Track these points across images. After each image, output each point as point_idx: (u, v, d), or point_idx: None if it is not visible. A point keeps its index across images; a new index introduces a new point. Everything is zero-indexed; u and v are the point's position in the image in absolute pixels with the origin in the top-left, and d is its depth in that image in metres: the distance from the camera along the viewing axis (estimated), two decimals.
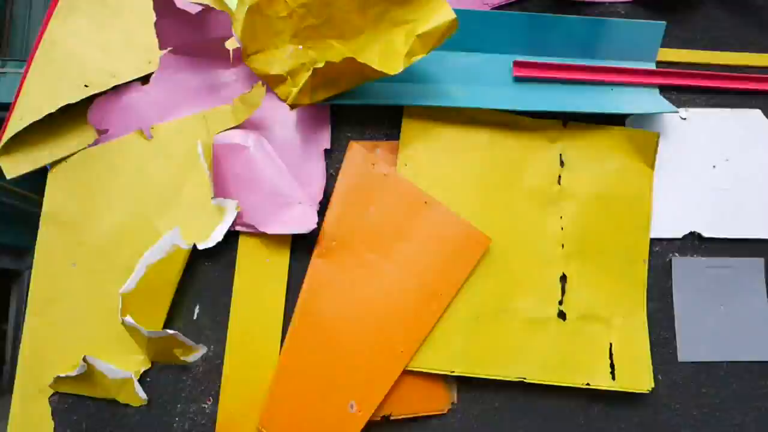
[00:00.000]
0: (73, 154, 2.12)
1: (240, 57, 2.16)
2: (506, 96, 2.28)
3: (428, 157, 2.22)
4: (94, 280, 2.05)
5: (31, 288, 2.05)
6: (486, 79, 2.32)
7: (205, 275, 2.12)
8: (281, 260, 2.12)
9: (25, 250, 7.70)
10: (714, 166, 2.45)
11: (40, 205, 2.11)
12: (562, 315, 2.21)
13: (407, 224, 2.16)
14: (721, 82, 2.50)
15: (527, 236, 2.25)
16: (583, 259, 2.26)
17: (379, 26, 2.14)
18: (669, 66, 2.50)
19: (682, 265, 2.36)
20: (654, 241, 2.35)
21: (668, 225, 2.37)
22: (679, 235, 2.37)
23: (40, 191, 2.14)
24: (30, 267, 2.11)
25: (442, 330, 2.13)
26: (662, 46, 2.48)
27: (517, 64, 2.32)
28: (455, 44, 2.25)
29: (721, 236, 2.39)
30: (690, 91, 2.49)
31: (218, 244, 2.06)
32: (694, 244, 2.39)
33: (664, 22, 2.42)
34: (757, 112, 2.52)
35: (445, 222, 2.16)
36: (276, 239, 2.11)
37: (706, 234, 2.38)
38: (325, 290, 2.11)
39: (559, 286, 2.23)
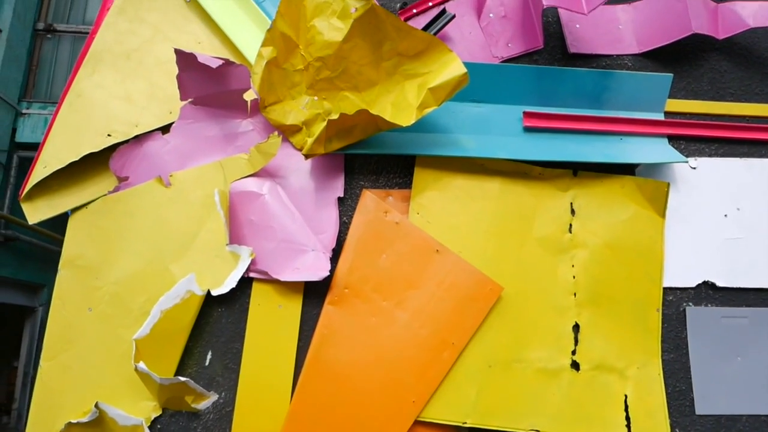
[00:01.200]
0: (93, 201, 2.18)
1: (257, 107, 2.23)
2: (516, 146, 2.33)
3: (440, 206, 2.25)
4: (108, 325, 2.07)
5: (46, 332, 2.08)
6: (496, 129, 2.37)
7: (218, 321, 2.14)
8: (294, 307, 2.14)
9: (39, 286, 7.76)
10: (726, 215, 2.45)
11: (56, 242, 2.17)
12: (575, 365, 2.19)
13: (419, 272, 2.17)
14: (729, 132, 2.53)
15: (539, 285, 2.25)
16: (595, 308, 2.25)
17: (392, 79, 2.20)
18: (677, 116, 2.53)
19: (696, 315, 2.33)
20: (667, 290, 2.34)
21: (681, 274, 2.36)
22: (693, 284, 2.36)
23: (57, 229, 2.19)
24: (44, 304, 2.16)
25: (455, 380, 2.11)
26: (670, 97, 2.53)
27: (527, 114, 2.37)
28: (466, 95, 2.31)
29: (735, 286, 2.37)
30: (699, 140, 2.52)
31: (231, 290, 2.09)
32: (708, 293, 2.37)
33: (671, 75, 2.48)
34: (767, 162, 2.54)
35: (457, 270, 2.17)
36: (289, 286, 2.13)
37: (719, 283, 2.36)
38: (337, 338, 2.11)
39: (572, 335, 2.22)
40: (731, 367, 2.31)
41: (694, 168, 2.49)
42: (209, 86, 2.17)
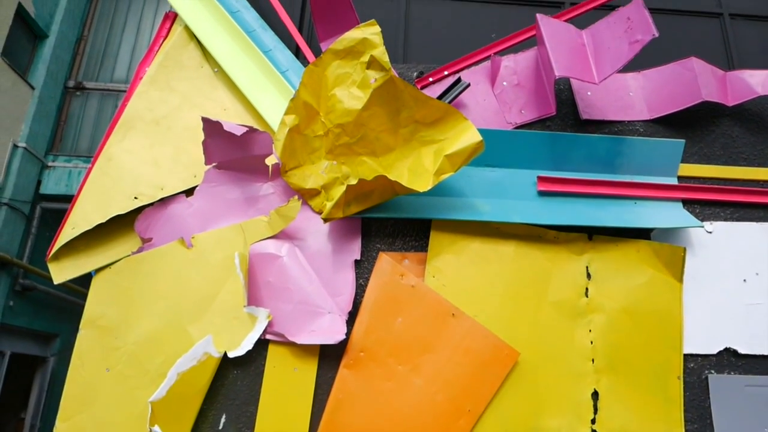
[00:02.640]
0: (117, 261, 2.23)
1: (278, 172, 2.31)
2: (531, 210, 2.36)
3: (456, 269, 2.27)
4: (125, 386, 2.08)
5: (64, 393, 2.08)
6: (511, 193, 2.41)
7: (233, 384, 2.13)
8: (309, 370, 2.13)
9: (53, 335, 7.77)
10: (744, 280, 2.43)
11: (72, 292, 2.20)
12: None
13: (435, 336, 2.16)
14: (744, 197, 2.55)
15: (556, 350, 2.23)
16: (614, 374, 2.21)
17: (409, 145, 2.27)
18: (691, 181, 2.56)
19: (719, 383, 2.28)
20: (688, 357, 2.30)
21: (702, 340, 2.33)
22: (714, 351, 2.32)
23: (74, 279, 2.23)
24: (56, 353, 2.16)
25: None
26: (682, 162, 2.56)
27: (541, 179, 2.41)
28: (481, 160, 2.37)
29: (758, 353, 2.33)
30: (714, 204, 2.53)
31: (247, 352, 2.10)
32: (731, 360, 2.32)
33: (683, 141, 2.52)
34: None
35: (473, 335, 2.17)
36: (305, 348, 2.14)
37: (742, 350, 2.32)
38: (352, 402, 2.09)
39: (591, 403, 2.17)
40: None
41: (710, 232, 2.49)
42: (233, 151, 2.25)
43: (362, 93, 2.22)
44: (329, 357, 2.15)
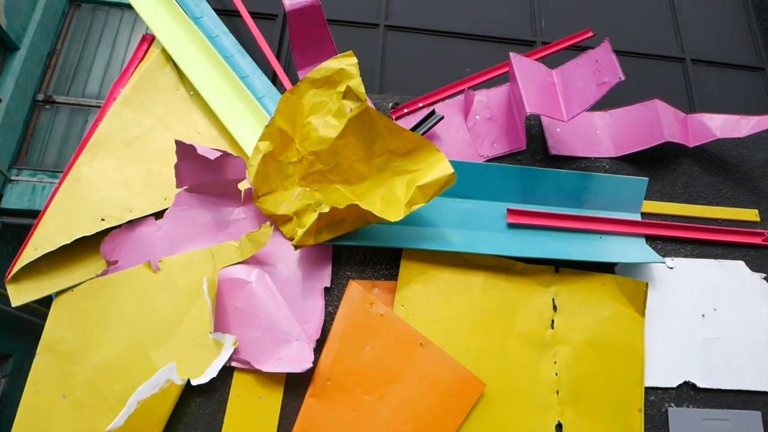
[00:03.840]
0: (79, 284, 2.17)
1: (250, 197, 2.30)
2: (500, 241, 2.40)
3: (425, 299, 2.28)
4: (82, 414, 2.00)
5: (15, 421, 2.00)
6: (481, 224, 2.45)
7: (195, 412, 2.08)
8: (274, 398, 2.10)
9: (6, 356, 7.42)
10: (703, 315, 2.51)
11: (29, 310, 2.12)
12: None
13: (403, 366, 2.16)
14: (703, 234, 2.64)
15: (522, 381, 2.25)
16: (578, 406, 2.24)
17: (382, 174, 2.30)
18: (653, 217, 2.65)
19: (679, 416, 2.33)
20: (649, 390, 2.34)
21: (662, 374, 2.38)
22: (674, 385, 2.37)
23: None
24: (8, 375, 2.07)
25: None
26: (646, 199, 2.65)
27: (510, 211, 2.46)
28: (453, 191, 2.40)
29: (715, 387, 2.39)
30: (675, 241, 2.62)
31: (211, 379, 2.05)
32: (690, 394, 2.38)
33: (647, 178, 2.62)
34: (741, 264, 2.63)
35: (440, 365, 2.17)
36: (270, 377, 2.10)
37: (700, 384, 2.38)
38: None
39: None
40: None
41: (671, 268, 2.57)
42: (205, 175, 2.24)
43: (337, 122, 2.25)
44: (295, 385, 2.13)
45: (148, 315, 2.12)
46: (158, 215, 2.28)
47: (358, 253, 2.37)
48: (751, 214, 2.74)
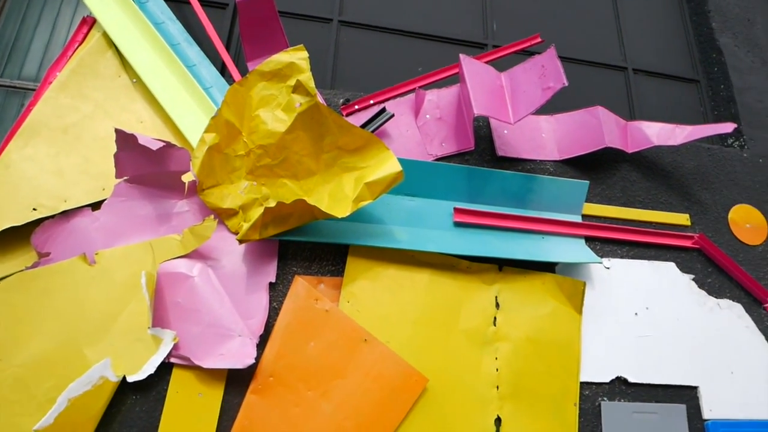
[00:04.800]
0: (7, 276, 2.06)
1: (194, 189, 2.24)
2: (446, 240, 2.44)
3: (370, 295, 2.29)
4: (8, 412, 1.91)
5: None
6: (428, 222, 2.48)
7: (131, 410, 2.02)
8: (214, 395, 2.06)
9: None
10: (636, 314, 2.63)
11: None
12: None
13: (346, 362, 2.17)
14: (639, 236, 2.77)
15: (463, 377, 2.29)
16: (517, 401, 2.31)
17: (331, 170, 2.29)
18: (593, 219, 2.76)
19: (610, 410, 2.43)
20: (583, 385, 2.44)
21: (596, 369, 2.48)
22: (607, 380, 2.47)
23: None
24: None
25: None
26: (586, 201, 2.76)
27: (457, 210, 2.51)
28: (400, 189, 2.44)
29: (645, 382, 2.51)
30: (612, 243, 2.73)
31: (149, 376, 2.00)
32: (621, 388, 2.49)
33: (587, 182, 2.71)
34: (672, 265, 2.77)
35: (383, 360, 2.19)
36: (211, 373, 2.06)
37: (631, 379, 2.49)
38: (258, 428, 2.04)
39: (495, 428, 2.25)
40: None
41: (608, 268, 2.68)
42: (147, 166, 2.17)
43: (286, 116, 2.23)
44: (237, 382, 2.09)
45: (82, 309, 2.04)
46: (95, 206, 2.19)
47: (304, 249, 2.35)
48: (683, 219, 2.89)
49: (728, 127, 2.82)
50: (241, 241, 2.14)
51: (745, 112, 3.35)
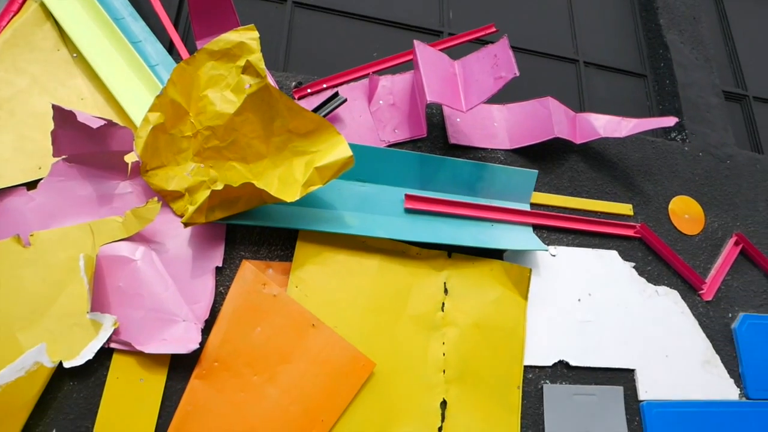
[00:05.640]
0: None
1: (138, 170, 2.18)
2: (397, 226, 2.45)
3: (319, 280, 2.29)
4: None
5: None
6: (379, 208, 2.48)
7: (68, 396, 1.96)
8: (157, 381, 2.02)
9: None
10: (579, 300, 2.72)
11: None
12: None
13: (294, 346, 2.16)
14: (584, 225, 2.85)
15: (411, 361, 2.32)
16: (463, 385, 2.36)
17: (281, 154, 2.26)
18: (540, 208, 2.82)
19: (552, 392, 2.52)
20: (527, 369, 2.51)
21: (540, 353, 2.56)
22: (550, 363, 2.56)
23: None
24: None
25: None
26: (535, 191, 2.82)
27: (408, 197, 2.52)
28: (352, 174, 2.44)
29: (586, 365, 2.61)
30: (558, 231, 2.81)
31: (88, 362, 1.94)
32: (563, 371, 2.58)
33: (536, 171, 2.77)
34: (614, 253, 2.88)
35: (331, 345, 2.19)
36: (154, 358, 2.02)
37: (572, 363, 2.59)
38: (201, 414, 2.01)
39: (440, 411, 2.29)
40: None
41: (554, 255, 2.76)
42: (87, 145, 2.09)
43: (236, 97, 2.18)
44: (181, 367, 2.06)
45: (16, 293, 1.96)
46: (31, 186, 2.10)
47: (253, 233, 2.32)
48: (626, 209, 3.00)
49: (670, 121, 2.94)
50: (186, 224, 2.09)
51: (687, 107, 3.49)
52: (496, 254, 2.62)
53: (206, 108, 2.20)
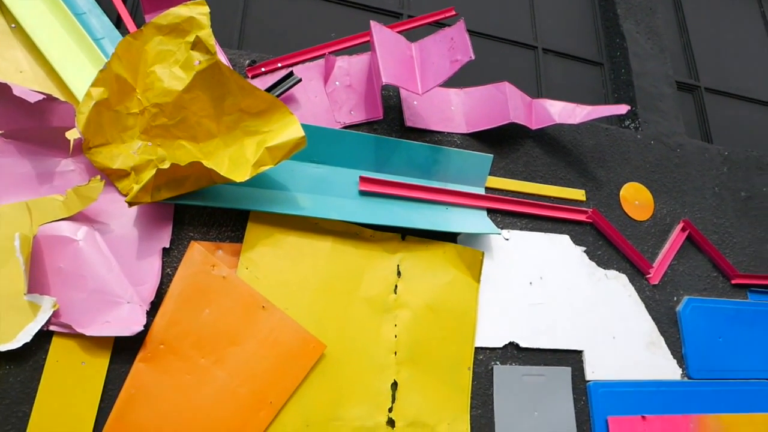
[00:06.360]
0: None
1: (80, 148, 2.10)
2: (351, 208, 2.44)
3: (270, 262, 2.27)
4: None
5: None
6: (333, 190, 2.47)
7: (3, 381, 1.89)
8: (99, 364, 1.98)
9: None
10: (530, 283, 2.77)
11: None
12: (391, 422, 2.28)
13: (243, 329, 2.14)
14: (537, 210, 2.90)
15: (362, 343, 2.33)
16: (414, 366, 2.38)
17: (232, 133, 2.21)
18: (495, 192, 2.85)
19: (502, 373, 2.57)
20: (478, 350, 2.55)
21: (491, 335, 2.60)
22: (500, 345, 2.60)
23: None
24: None
25: None
26: (490, 175, 2.85)
27: (362, 179, 2.51)
28: (306, 156, 2.41)
29: (535, 346, 2.67)
30: (512, 215, 2.85)
31: (25, 345, 1.88)
32: (513, 353, 2.63)
33: (492, 155, 2.79)
34: (566, 238, 2.93)
35: (281, 327, 2.18)
36: (96, 341, 1.98)
37: (522, 344, 2.64)
38: (146, 397, 1.98)
39: (390, 393, 2.31)
40: (529, 421, 2.56)
41: (507, 239, 2.80)
42: (25, 120, 2.00)
43: (184, 74, 2.12)
44: (125, 350, 2.02)
45: None
46: None
47: (203, 214, 2.28)
48: (579, 194, 3.06)
49: (622, 109, 3.00)
50: (130, 204, 2.03)
51: (641, 95, 3.56)
52: (450, 237, 2.64)
53: (154, 84, 2.13)
